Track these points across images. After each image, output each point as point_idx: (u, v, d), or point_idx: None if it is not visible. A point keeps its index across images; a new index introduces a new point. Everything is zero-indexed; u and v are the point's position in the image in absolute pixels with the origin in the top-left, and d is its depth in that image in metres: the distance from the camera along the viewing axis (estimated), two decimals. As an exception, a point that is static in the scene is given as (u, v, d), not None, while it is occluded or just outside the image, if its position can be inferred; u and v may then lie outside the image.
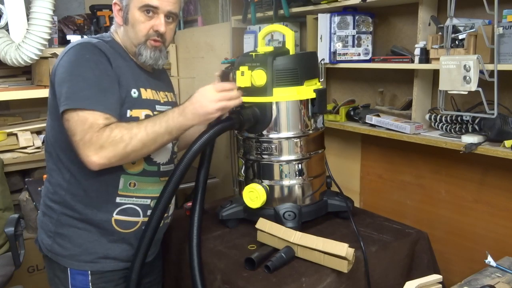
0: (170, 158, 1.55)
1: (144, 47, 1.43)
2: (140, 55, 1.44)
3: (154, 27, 1.42)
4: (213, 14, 3.27)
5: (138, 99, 1.41)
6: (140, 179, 1.45)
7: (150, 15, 1.40)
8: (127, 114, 1.38)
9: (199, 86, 3.48)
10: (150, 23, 1.41)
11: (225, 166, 3.13)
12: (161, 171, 1.50)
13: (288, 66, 1.61)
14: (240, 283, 1.41)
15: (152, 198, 1.48)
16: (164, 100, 1.52)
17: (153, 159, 1.47)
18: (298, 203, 1.68)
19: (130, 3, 1.40)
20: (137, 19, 1.40)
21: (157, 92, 1.50)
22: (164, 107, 1.50)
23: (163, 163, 1.51)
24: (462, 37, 1.67)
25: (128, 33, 1.44)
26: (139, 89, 1.42)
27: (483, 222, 1.90)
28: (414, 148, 2.07)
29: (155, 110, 1.46)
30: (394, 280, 1.58)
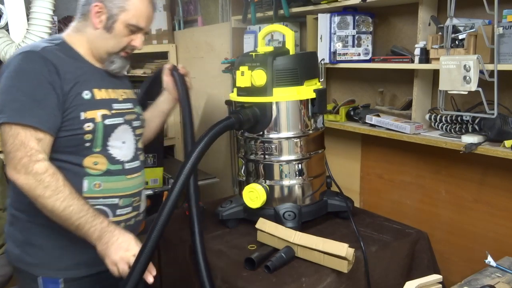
0: (134, 155, 1.52)
1: (118, 57, 1.46)
2: (112, 63, 1.46)
3: (133, 43, 1.45)
4: (213, 14, 3.27)
5: (91, 100, 1.39)
6: (105, 179, 1.42)
7: (133, 31, 1.44)
8: (81, 117, 1.35)
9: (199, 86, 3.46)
10: (130, 37, 1.44)
11: (225, 166, 3.13)
12: (126, 169, 1.48)
13: (288, 66, 1.61)
14: (240, 283, 1.41)
15: (121, 197, 1.46)
16: (123, 98, 1.51)
17: (115, 158, 1.44)
18: (298, 203, 1.68)
19: (119, 15, 1.40)
20: (121, 33, 1.42)
21: (114, 90, 1.49)
22: (123, 104, 1.49)
23: (127, 160, 1.48)
24: (462, 37, 1.67)
25: (105, 40, 1.43)
26: (92, 90, 1.40)
27: (483, 222, 1.90)
28: (414, 148, 2.07)
29: (112, 109, 1.44)
30: (394, 280, 1.58)
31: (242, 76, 1.61)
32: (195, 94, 3.41)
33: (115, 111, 1.45)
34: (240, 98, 1.67)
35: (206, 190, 2.98)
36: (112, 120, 1.42)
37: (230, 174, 3.05)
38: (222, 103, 2.97)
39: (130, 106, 1.53)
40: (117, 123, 1.44)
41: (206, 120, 3.33)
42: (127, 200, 1.48)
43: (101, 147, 1.40)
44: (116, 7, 1.39)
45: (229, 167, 3.05)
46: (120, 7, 1.39)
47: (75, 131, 1.35)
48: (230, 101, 1.77)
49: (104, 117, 1.40)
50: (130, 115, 1.51)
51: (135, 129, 1.53)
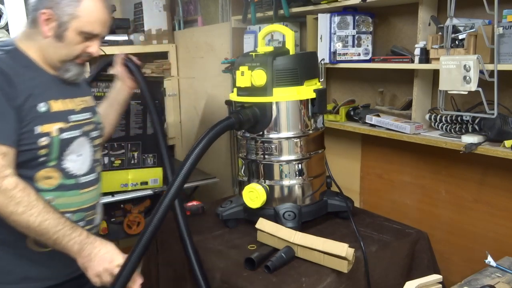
0: (91, 168, 1.45)
1: (73, 65, 1.37)
2: (67, 71, 1.37)
3: (88, 49, 1.36)
4: (213, 14, 3.26)
5: (47, 113, 1.31)
6: (57, 194, 1.35)
7: (87, 37, 1.35)
8: (35, 131, 1.28)
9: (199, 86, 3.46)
10: (85, 45, 1.35)
11: (225, 166, 3.13)
12: (81, 183, 1.41)
13: (288, 66, 1.61)
14: (240, 283, 1.41)
15: (74, 212, 1.39)
16: (80, 107, 1.43)
17: (70, 172, 1.37)
18: (298, 203, 1.68)
19: (70, 22, 1.30)
20: (73, 41, 1.32)
21: (71, 100, 1.41)
22: (81, 115, 1.42)
23: (82, 174, 1.41)
24: (462, 37, 1.67)
25: (57, 49, 1.33)
26: (48, 102, 1.32)
27: (483, 222, 1.90)
28: (414, 148, 2.07)
29: (69, 122, 1.37)
30: (394, 280, 1.58)
31: (242, 76, 1.61)
32: (195, 94, 3.43)
33: (72, 123, 1.37)
34: (240, 98, 1.67)
35: (206, 190, 2.98)
36: (69, 134, 1.36)
37: (230, 174, 3.05)
38: (222, 103, 2.97)
39: (88, 116, 1.45)
40: (74, 136, 1.38)
41: (206, 120, 3.33)
42: (80, 215, 1.41)
43: (55, 161, 1.34)
44: (66, 14, 1.29)
45: (229, 167, 3.05)
46: (70, 14, 1.29)
47: (29, 145, 1.28)
48: (230, 101, 1.77)
49: (61, 131, 1.33)
50: (88, 125, 1.44)
51: (93, 140, 1.47)
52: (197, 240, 1.68)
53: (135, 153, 2.47)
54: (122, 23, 3.29)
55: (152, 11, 3.40)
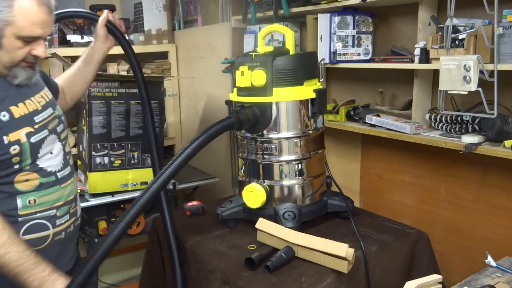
0: (64, 162, 1.46)
1: (19, 69, 1.32)
2: (15, 78, 1.32)
3: (33, 52, 1.30)
4: (213, 14, 3.26)
5: (10, 121, 1.29)
6: (39, 193, 1.37)
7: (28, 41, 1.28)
8: (4, 141, 1.26)
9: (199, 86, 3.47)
10: (28, 48, 1.29)
11: (225, 166, 3.12)
12: (60, 178, 1.42)
13: (288, 66, 1.61)
14: (240, 283, 1.41)
15: (58, 207, 1.42)
16: (42, 104, 1.41)
17: (47, 170, 1.38)
18: (298, 203, 1.68)
19: (5, 29, 1.23)
20: (13, 46, 1.26)
21: (31, 100, 1.38)
22: (44, 113, 1.40)
23: (59, 169, 1.42)
24: (462, 37, 1.67)
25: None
26: (8, 108, 1.29)
27: (483, 222, 1.90)
28: (414, 148, 2.07)
29: (35, 124, 1.35)
30: (394, 280, 1.58)
31: (242, 76, 1.61)
32: (195, 94, 3.43)
33: (38, 124, 1.36)
34: (240, 98, 1.67)
35: (206, 190, 2.98)
36: (37, 136, 1.35)
37: (230, 174, 3.05)
38: (222, 103, 2.96)
39: (51, 112, 1.43)
40: (43, 137, 1.37)
41: (206, 120, 3.33)
42: (64, 209, 1.44)
43: (30, 164, 1.34)
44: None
45: (229, 167, 3.05)
46: (4, 20, 1.22)
47: (1, 156, 1.27)
48: (230, 101, 1.77)
49: (29, 136, 1.32)
50: (52, 122, 1.43)
51: (60, 134, 1.46)
52: (197, 240, 1.68)
53: (135, 153, 2.47)
54: (122, 23, 3.29)
55: (152, 11, 3.41)
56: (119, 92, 2.40)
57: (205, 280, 1.56)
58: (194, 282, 1.63)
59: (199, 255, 1.61)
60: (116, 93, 2.40)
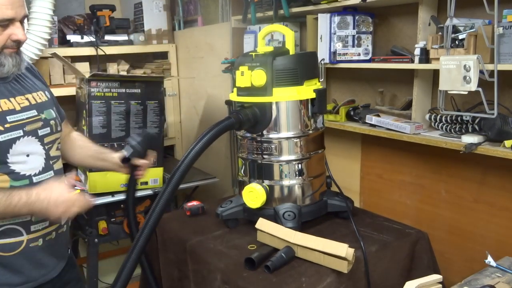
0: (45, 166, 1.41)
1: (4, 57, 1.29)
2: (2, 66, 1.30)
3: (13, 37, 1.27)
4: (213, 14, 3.26)
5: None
6: None
7: (4, 26, 1.25)
8: None
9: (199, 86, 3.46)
10: (6, 33, 1.26)
11: (225, 166, 3.13)
12: (35, 182, 1.37)
13: (288, 66, 1.61)
14: (240, 283, 1.41)
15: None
16: (22, 106, 1.36)
17: (20, 173, 1.33)
18: (298, 203, 1.68)
19: None
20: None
21: (10, 100, 1.34)
22: (23, 114, 1.35)
23: (35, 173, 1.37)
24: (462, 37, 1.67)
25: None
26: None
27: (483, 222, 1.90)
28: (414, 148, 2.07)
29: (6, 123, 1.31)
30: (394, 280, 1.58)
31: (242, 76, 1.61)
32: (195, 94, 3.43)
33: (10, 124, 1.31)
34: (240, 98, 1.67)
35: (206, 190, 2.98)
36: (6, 135, 1.30)
37: (230, 174, 3.05)
38: (222, 103, 2.97)
39: (33, 114, 1.39)
40: (15, 137, 1.32)
41: (206, 120, 3.33)
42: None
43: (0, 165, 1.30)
44: None
45: (229, 167, 3.05)
46: None
47: None
48: (230, 101, 1.77)
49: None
50: (32, 124, 1.38)
51: (43, 137, 1.41)
52: (197, 240, 1.68)
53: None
54: (122, 23, 3.29)
55: (152, 11, 3.41)
56: (119, 92, 2.40)
57: (205, 280, 1.56)
58: (194, 282, 1.63)
59: (199, 255, 1.61)
60: (116, 93, 2.40)
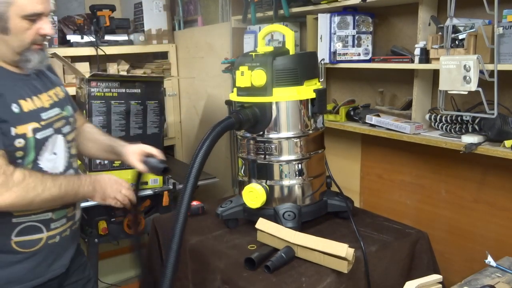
0: (67, 165, 1.43)
1: (31, 53, 1.31)
2: (28, 62, 1.31)
3: (41, 31, 1.29)
4: (213, 14, 3.26)
5: (20, 114, 1.28)
6: None
7: (33, 20, 1.27)
8: (11, 132, 1.26)
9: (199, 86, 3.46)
10: (35, 28, 1.28)
11: (225, 166, 3.13)
12: None
13: (288, 66, 1.61)
14: (240, 283, 1.41)
15: (53, 210, 1.38)
16: (49, 103, 1.39)
17: (47, 172, 1.36)
18: (298, 203, 1.68)
19: (7, 11, 1.22)
20: (20, 28, 1.25)
21: (38, 97, 1.36)
22: (51, 111, 1.38)
23: (59, 172, 1.40)
24: (462, 37, 1.67)
25: (7, 43, 1.27)
26: (18, 102, 1.29)
27: (483, 222, 1.90)
28: (414, 148, 2.07)
29: (41, 120, 1.33)
30: (394, 280, 1.58)
31: (242, 76, 1.61)
32: (195, 94, 3.43)
33: (44, 121, 1.34)
34: (240, 98, 1.67)
35: (206, 190, 2.98)
36: (43, 133, 1.33)
37: (230, 174, 3.05)
38: (222, 103, 2.97)
39: (58, 112, 1.41)
40: (48, 135, 1.35)
41: (206, 120, 3.34)
42: (61, 213, 1.41)
43: (32, 162, 1.32)
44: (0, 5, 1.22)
45: (229, 167, 3.05)
46: (5, 2, 1.21)
47: (6, 147, 1.25)
48: (230, 101, 1.77)
49: (35, 131, 1.30)
50: (58, 122, 1.40)
51: (66, 135, 1.43)
52: (197, 240, 1.68)
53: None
54: (122, 23, 3.29)
55: (152, 11, 3.41)
56: (119, 92, 2.40)
57: (205, 280, 1.56)
58: (194, 282, 1.63)
59: (199, 255, 1.61)
60: (116, 93, 2.40)
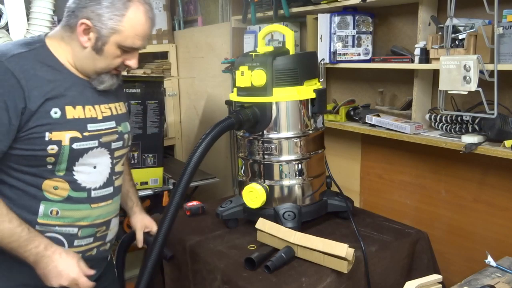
0: (107, 181, 1.36)
1: (109, 76, 1.31)
2: (102, 83, 1.31)
3: (127, 62, 1.31)
4: (213, 14, 3.27)
5: (60, 119, 1.23)
6: (64, 206, 1.28)
7: (126, 51, 1.28)
8: (45, 137, 1.21)
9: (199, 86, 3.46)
10: (123, 57, 1.29)
11: (225, 166, 3.13)
12: (93, 197, 1.33)
13: (288, 66, 1.61)
14: (240, 283, 1.41)
15: (81, 227, 1.32)
16: (104, 115, 1.34)
17: (81, 184, 1.30)
18: (298, 203, 1.68)
19: (111, 36, 1.23)
20: (112, 54, 1.26)
21: (94, 107, 1.31)
22: (103, 124, 1.33)
23: (95, 187, 1.33)
24: (462, 37, 1.67)
25: (93, 61, 1.27)
26: (63, 107, 1.24)
27: (483, 222, 1.90)
28: (414, 148, 2.07)
29: (86, 131, 1.27)
30: (394, 280, 1.58)
31: (242, 76, 1.61)
32: (195, 94, 3.43)
33: (89, 133, 1.28)
34: (240, 98, 1.67)
35: (206, 190, 2.98)
36: (82, 144, 1.27)
37: (230, 174, 3.05)
38: (222, 103, 2.97)
39: (112, 126, 1.36)
40: (89, 147, 1.28)
41: (206, 120, 3.34)
42: (88, 231, 1.34)
43: (65, 171, 1.26)
44: (107, 28, 1.22)
45: (229, 167, 3.05)
46: (111, 28, 1.22)
47: (35, 151, 1.21)
48: (230, 101, 1.77)
49: (73, 140, 1.24)
50: (108, 136, 1.34)
51: (114, 151, 1.37)
52: (197, 240, 1.68)
53: (135, 153, 2.47)
54: (122, 23, 3.28)
55: (152, 12, 3.41)
56: (119, 92, 2.40)
57: (205, 280, 1.56)
58: (194, 282, 1.63)
59: (199, 255, 1.61)
60: (116, 93, 2.40)
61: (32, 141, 1.21)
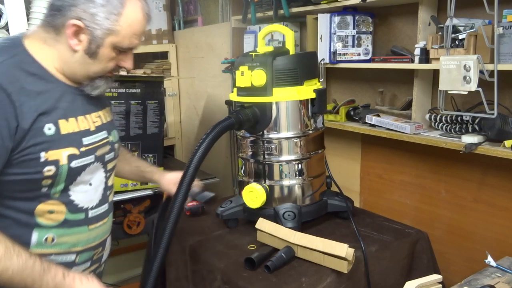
0: (102, 198, 1.26)
1: (103, 80, 1.20)
2: (96, 89, 1.19)
3: (122, 63, 1.19)
4: (213, 14, 3.27)
5: (55, 136, 1.10)
6: (60, 231, 1.16)
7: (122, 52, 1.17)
8: (41, 158, 1.07)
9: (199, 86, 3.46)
10: (118, 58, 1.18)
11: (225, 166, 3.13)
12: (90, 217, 1.22)
13: (288, 66, 1.61)
14: (240, 283, 1.41)
15: (78, 253, 1.21)
16: (96, 125, 1.22)
17: (78, 205, 1.18)
18: (298, 203, 1.68)
19: (106, 37, 1.11)
20: (108, 56, 1.15)
21: (86, 117, 1.19)
22: (96, 135, 1.21)
23: (92, 206, 1.22)
24: (462, 37, 1.67)
25: (86, 65, 1.14)
26: (56, 122, 1.10)
27: (483, 222, 1.90)
28: (414, 148, 2.07)
29: (82, 146, 1.15)
30: (394, 280, 1.58)
31: (242, 76, 1.61)
32: (195, 94, 3.43)
33: (85, 147, 1.17)
34: (240, 98, 1.67)
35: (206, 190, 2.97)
36: (80, 161, 1.15)
37: (230, 174, 3.05)
38: (222, 103, 2.97)
39: (104, 136, 1.25)
40: (86, 163, 1.17)
41: (206, 120, 3.34)
42: (86, 255, 1.24)
43: (61, 192, 1.14)
44: (101, 29, 1.10)
45: (229, 167, 3.05)
46: (107, 29, 1.10)
47: (30, 175, 1.08)
48: (230, 101, 1.77)
49: (71, 158, 1.12)
50: (102, 148, 1.24)
51: (107, 164, 1.27)
52: (197, 240, 1.68)
53: (135, 153, 2.47)
54: (122, 23, 3.28)
55: (152, 11, 3.40)
56: (119, 92, 2.40)
57: (205, 280, 1.56)
58: (194, 282, 1.63)
59: (199, 255, 1.61)
60: (116, 93, 2.40)
61: (26, 164, 1.07)
